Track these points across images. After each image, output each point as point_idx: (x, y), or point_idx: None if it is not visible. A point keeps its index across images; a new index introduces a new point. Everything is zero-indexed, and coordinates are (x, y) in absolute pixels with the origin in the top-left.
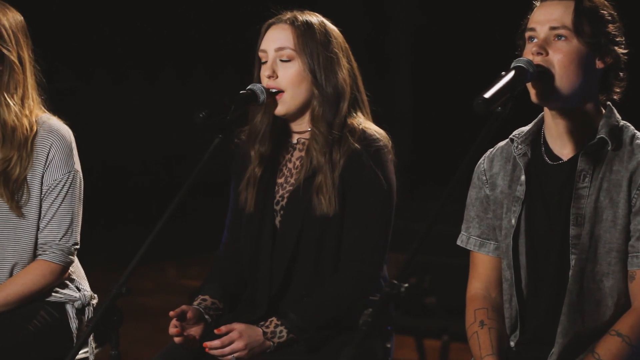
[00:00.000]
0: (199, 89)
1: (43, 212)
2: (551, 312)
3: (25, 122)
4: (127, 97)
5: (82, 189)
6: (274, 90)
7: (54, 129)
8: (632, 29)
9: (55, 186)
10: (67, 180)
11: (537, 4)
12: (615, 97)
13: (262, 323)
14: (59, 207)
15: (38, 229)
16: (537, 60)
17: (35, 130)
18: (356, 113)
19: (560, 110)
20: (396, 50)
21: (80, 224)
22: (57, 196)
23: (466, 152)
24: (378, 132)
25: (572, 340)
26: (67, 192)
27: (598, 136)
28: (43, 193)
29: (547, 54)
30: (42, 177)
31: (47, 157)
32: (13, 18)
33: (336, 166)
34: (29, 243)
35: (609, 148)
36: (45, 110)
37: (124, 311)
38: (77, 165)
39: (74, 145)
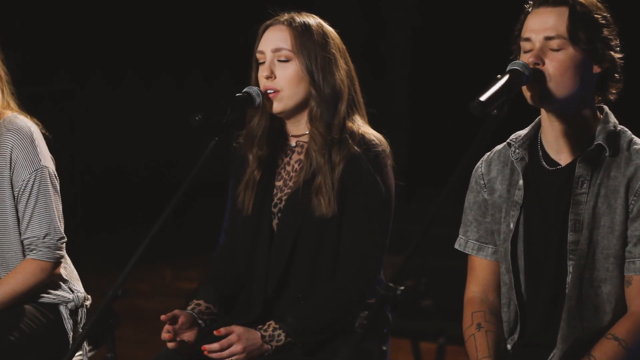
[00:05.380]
0: (196, 91)
1: (20, 214)
2: (549, 316)
3: None
4: (124, 100)
5: (57, 183)
6: (270, 91)
7: (15, 129)
8: (627, 30)
9: (25, 187)
10: (35, 179)
11: (530, 9)
12: (611, 97)
13: (260, 326)
14: (34, 206)
15: (18, 231)
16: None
17: None
18: (354, 115)
19: (556, 113)
20: (393, 52)
21: (61, 218)
22: (29, 196)
23: (463, 155)
24: (377, 137)
25: (571, 346)
26: (38, 189)
27: (595, 142)
28: (15, 196)
29: (544, 63)
30: (11, 180)
31: (11, 159)
32: None
33: (335, 168)
34: (10, 244)
35: (607, 154)
36: (16, 109)
37: (121, 313)
38: (45, 161)
39: (37, 141)
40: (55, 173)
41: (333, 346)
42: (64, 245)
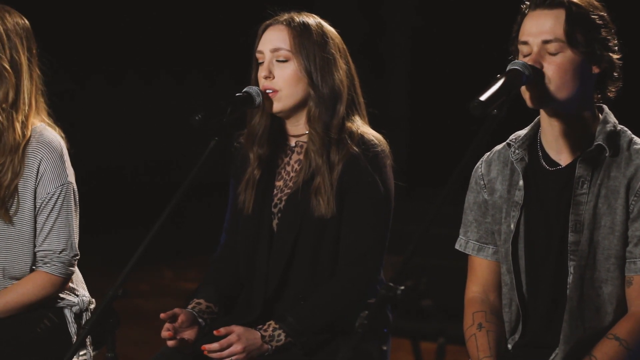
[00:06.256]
0: (196, 91)
1: (39, 227)
2: (550, 317)
3: (18, 127)
4: (124, 99)
5: (77, 199)
6: (269, 91)
7: (46, 142)
8: (625, 29)
9: (49, 200)
10: (60, 193)
11: (527, 11)
12: (610, 95)
13: (260, 326)
14: (55, 220)
15: (33, 242)
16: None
17: (28, 137)
18: (353, 116)
19: (556, 114)
20: (393, 52)
21: (77, 235)
22: (51, 210)
23: (462, 155)
24: (376, 137)
25: (574, 347)
26: (61, 205)
27: (595, 143)
28: (37, 207)
29: (542, 67)
30: (35, 191)
31: (38, 171)
32: (12, 22)
33: (334, 168)
34: (21, 253)
35: (607, 154)
36: (45, 118)
37: (121, 313)
38: (70, 177)
39: (65, 157)
40: (77, 189)
41: (333, 346)
42: (76, 261)
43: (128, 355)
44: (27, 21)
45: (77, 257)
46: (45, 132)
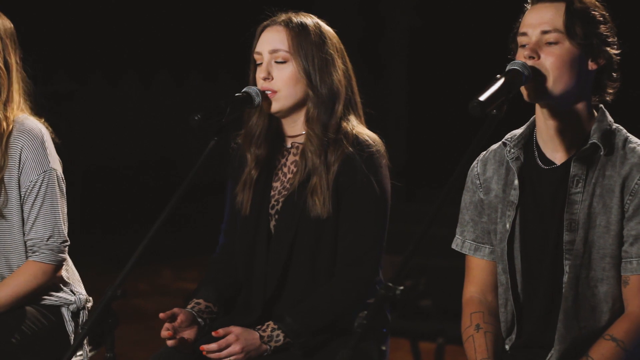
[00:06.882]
0: (195, 91)
1: (25, 215)
2: (546, 316)
3: (4, 124)
4: (123, 100)
5: (63, 185)
6: (268, 92)
7: (26, 130)
8: (625, 29)
9: (33, 187)
10: (43, 180)
11: (529, 7)
12: (607, 98)
13: (258, 327)
14: (40, 207)
15: (22, 231)
16: (530, 64)
17: (10, 129)
18: (349, 115)
19: (552, 111)
20: (391, 52)
21: (66, 221)
22: (36, 197)
23: (462, 155)
24: (371, 137)
25: (569, 347)
26: (45, 191)
27: (590, 141)
28: (22, 196)
29: (539, 57)
30: (19, 180)
31: (20, 159)
32: (2, 24)
33: (331, 168)
34: (15, 245)
35: (602, 153)
36: (28, 112)
37: (119, 313)
38: (54, 163)
39: (47, 143)
40: (63, 176)
41: (332, 347)
42: (66, 248)
43: (127, 355)
44: (12, 25)
45: (67, 244)
46: (27, 121)
